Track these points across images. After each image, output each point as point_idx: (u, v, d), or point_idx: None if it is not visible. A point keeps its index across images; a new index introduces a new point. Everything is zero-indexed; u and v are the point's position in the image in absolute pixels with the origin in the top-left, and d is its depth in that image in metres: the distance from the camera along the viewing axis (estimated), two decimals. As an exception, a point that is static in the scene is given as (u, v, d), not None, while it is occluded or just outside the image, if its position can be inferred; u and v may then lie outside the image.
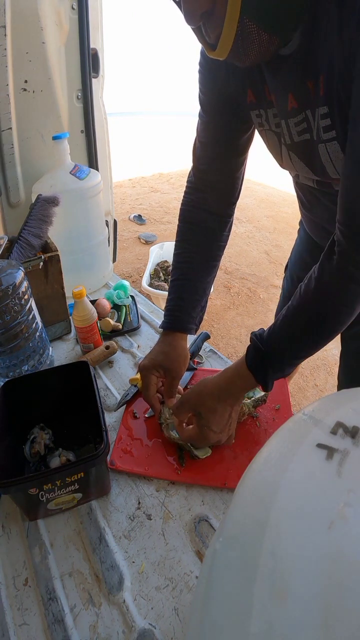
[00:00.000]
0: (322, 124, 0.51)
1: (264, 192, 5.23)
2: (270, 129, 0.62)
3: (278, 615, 0.21)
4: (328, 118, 0.49)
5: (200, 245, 0.77)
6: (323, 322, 0.56)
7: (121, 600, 0.51)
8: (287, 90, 0.53)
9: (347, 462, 0.26)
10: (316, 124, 0.52)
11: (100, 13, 1.30)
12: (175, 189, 5.35)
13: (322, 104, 0.49)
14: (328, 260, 0.53)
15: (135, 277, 2.99)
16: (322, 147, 0.53)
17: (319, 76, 0.47)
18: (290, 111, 0.54)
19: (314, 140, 0.54)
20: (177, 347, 0.74)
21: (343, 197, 0.49)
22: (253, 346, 0.61)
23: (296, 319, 0.57)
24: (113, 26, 5.10)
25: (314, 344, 0.58)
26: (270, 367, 0.59)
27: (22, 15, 1.07)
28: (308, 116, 0.52)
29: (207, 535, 0.57)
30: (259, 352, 0.59)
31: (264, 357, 0.59)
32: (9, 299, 0.70)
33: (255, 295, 2.86)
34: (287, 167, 0.68)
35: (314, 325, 0.56)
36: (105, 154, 1.54)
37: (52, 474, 0.53)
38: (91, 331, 0.90)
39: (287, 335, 0.58)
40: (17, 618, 0.50)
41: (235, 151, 0.70)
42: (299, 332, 0.57)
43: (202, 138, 0.71)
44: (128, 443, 0.71)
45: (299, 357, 0.60)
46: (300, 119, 0.54)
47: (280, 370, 0.60)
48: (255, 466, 0.31)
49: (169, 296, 0.78)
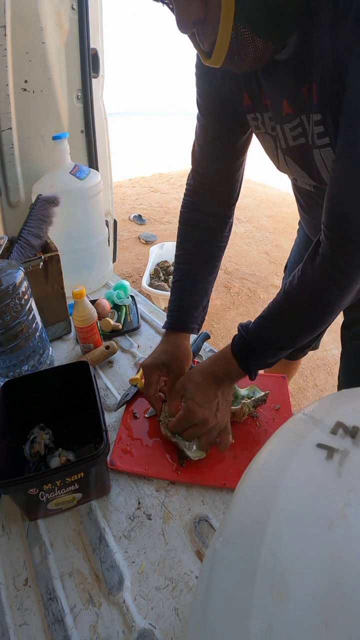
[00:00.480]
0: (316, 130, 0.51)
1: (264, 192, 5.23)
2: (266, 132, 0.62)
3: (278, 615, 0.21)
4: (322, 125, 0.50)
5: (201, 246, 0.77)
6: (303, 318, 0.59)
7: (121, 600, 0.51)
8: (282, 96, 0.53)
9: (347, 462, 0.26)
10: (311, 129, 0.52)
11: (100, 13, 1.30)
12: (175, 189, 5.35)
13: (315, 111, 0.49)
14: (311, 261, 0.54)
15: (135, 277, 2.99)
16: (316, 152, 0.54)
17: (312, 83, 0.47)
18: (285, 116, 0.54)
19: (309, 145, 0.54)
20: (180, 347, 0.75)
21: (329, 201, 0.50)
22: (239, 336, 0.64)
23: (278, 314, 0.60)
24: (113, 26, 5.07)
25: (295, 337, 0.61)
26: (252, 356, 0.62)
27: (22, 15, 1.06)
28: (303, 121, 0.53)
29: (207, 535, 0.57)
30: (244, 341, 0.63)
31: (248, 346, 0.62)
32: (9, 299, 0.70)
33: (255, 295, 2.86)
34: (284, 171, 0.68)
35: (294, 320, 0.59)
36: (105, 154, 1.54)
37: (52, 474, 0.53)
38: (91, 331, 0.90)
39: (270, 327, 0.61)
40: (17, 618, 0.50)
41: (233, 153, 0.70)
42: (280, 325, 0.60)
43: (200, 141, 0.71)
44: (128, 443, 0.71)
45: (281, 349, 0.62)
46: (295, 124, 0.54)
47: (263, 359, 0.63)
48: (255, 466, 0.31)
49: (171, 297, 0.78)
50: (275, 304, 0.60)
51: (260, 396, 0.74)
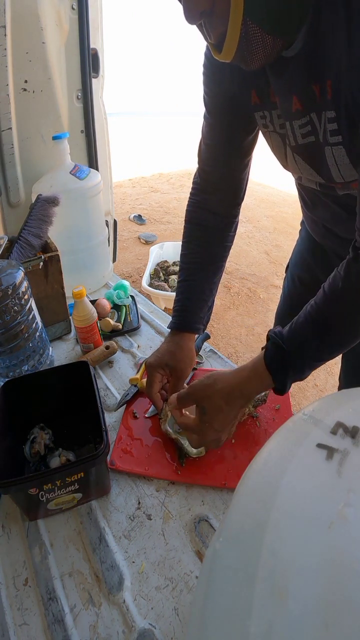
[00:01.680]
0: (328, 127, 0.50)
1: (264, 192, 5.23)
2: (274, 131, 0.62)
3: (278, 615, 0.21)
4: (335, 122, 0.49)
5: (206, 246, 0.77)
6: (351, 322, 0.54)
7: (121, 600, 0.51)
8: (291, 92, 0.53)
9: (347, 462, 0.26)
10: (322, 127, 0.51)
11: (100, 13, 1.30)
12: (175, 189, 5.35)
13: (329, 108, 0.49)
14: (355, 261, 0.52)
15: (135, 277, 2.99)
16: (328, 150, 0.53)
17: (326, 80, 0.47)
18: (295, 113, 0.54)
19: (320, 142, 0.54)
20: (184, 348, 0.74)
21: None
22: (273, 344, 0.56)
23: (321, 318, 0.54)
24: (113, 26, 5.07)
25: (339, 345, 0.56)
26: (291, 368, 0.55)
27: (22, 15, 1.07)
28: (313, 119, 0.52)
29: (207, 535, 0.57)
30: (280, 350, 0.55)
31: (285, 356, 0.55)
32: (9, 299, 0.70)
33: (255, 295, 2.86)
34: (291, 169, 0.67)
35: (340, 325, 0.54)
36: (105, 154, 1.54)
37: (52, 474, 0.53)
38: (91, 331, 0.90)
39: (311, 334, 0.55)
40: (17, 618, 0.50)
41: (239, 152, 0.70)
42: (324, 331, 0.54)
43: (207, 140, 0.71)
44: (128, 443, 0.71)
45: (321, 359, 0.57)
46: (304, 121, 0.54)
47: (300, 371, 0.56)
48: (255, 466, 0.31)
49: (176, 297, 0.78)
50: (316, 308, 0.55)
51: (260, 396, 0.74)
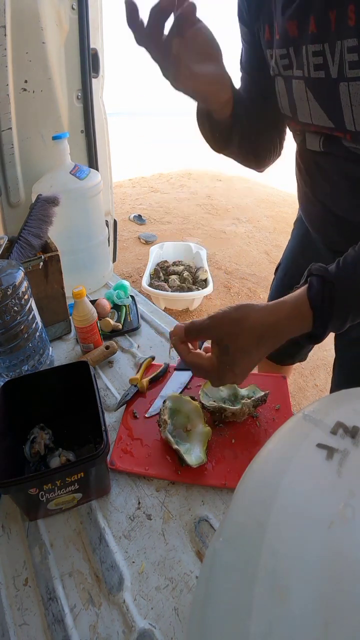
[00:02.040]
0: (347, 58, 0.46)
1: (264, 192, 5.23)
2: (293, 76, 0.56)
3: (278, 615, 0.21)
4: (356, 53, 0.44)
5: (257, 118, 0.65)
6: None
7: (121, 600, 0.51)
8: (308, 14, 0.49)
9: (347, 462, 0.26)
10: (338, 59, 0.47)
11: (100, 13, 1.30)
12: (175, 189, 5.35)
13: (350, 36, 0.44)
14: None
15: (135, 277, 2.99)
16: (343, 86, 0.48)
17: (348, 5, 0.43)
18: (310, 35, 0.49)
19: (333, 78, 0.49)
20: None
21: None
22: (319, 279, 0.48)
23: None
24: (113, 26, 5.09)
25: None
26: (337, 307, 0.47)
27: (22, 15, 1.07)
28: (325, 50, 0.48)
29: (207, 535, 0.57)
30: (327, 285, 0.47)
31: (333, 291, 0.47)
32: (9, 299, 0.70)
33: (255, 295, 2.86)
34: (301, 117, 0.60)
35: None
36: (105, 154, 1.54)
37: (52, 474, 0.53)
38: (91, 331, 0.90)
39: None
40: (17, 618, 0.50)
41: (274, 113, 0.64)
42: None
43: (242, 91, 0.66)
44: (128, 443, 0.71)
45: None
46: (317, 49, 0.49)
47: (344, 316, 0.48)
48: (255, 466, 0.31)
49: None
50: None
51: (260, 396, 0.74)
